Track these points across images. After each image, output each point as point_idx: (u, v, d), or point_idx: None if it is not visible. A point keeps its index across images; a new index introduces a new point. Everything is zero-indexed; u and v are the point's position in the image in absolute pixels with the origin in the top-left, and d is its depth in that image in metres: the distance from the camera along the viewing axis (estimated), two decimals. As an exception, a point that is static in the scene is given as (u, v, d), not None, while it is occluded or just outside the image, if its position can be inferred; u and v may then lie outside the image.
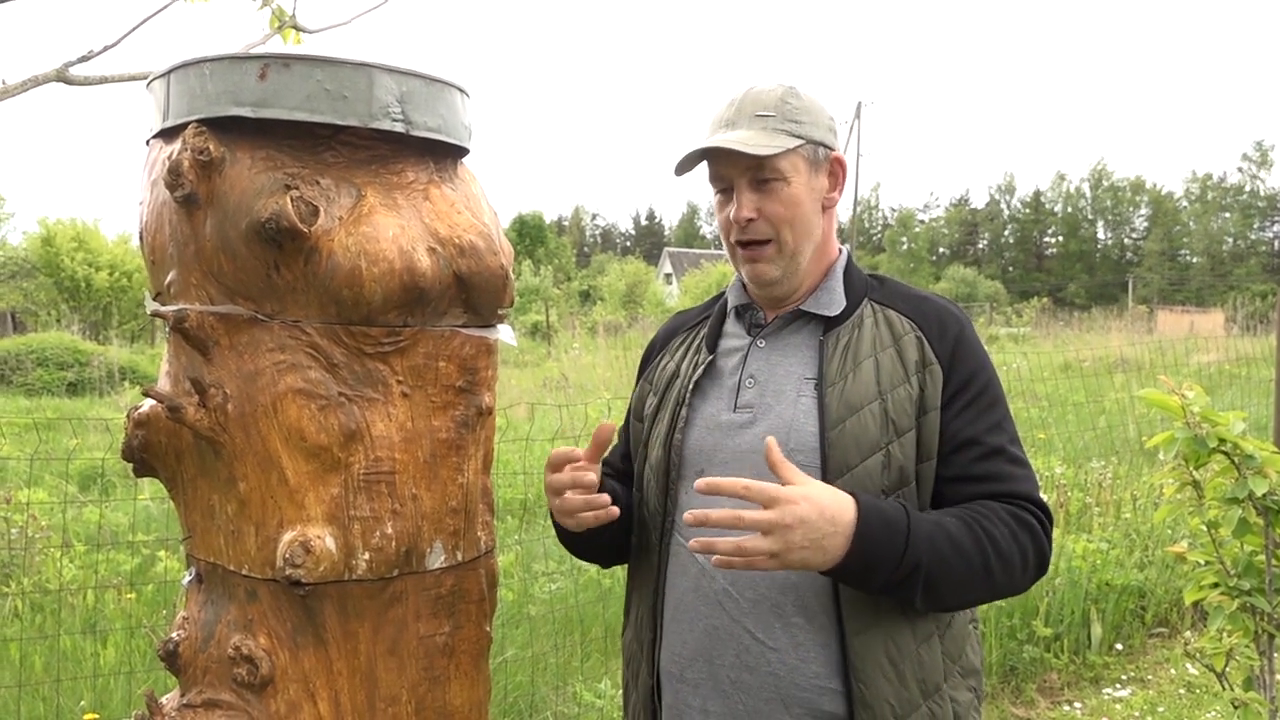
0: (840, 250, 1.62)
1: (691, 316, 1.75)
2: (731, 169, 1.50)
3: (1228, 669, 2.53)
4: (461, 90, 1.29)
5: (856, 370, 1.46)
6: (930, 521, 1.37)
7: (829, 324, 1.53)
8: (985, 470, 1.44)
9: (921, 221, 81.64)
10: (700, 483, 1.31)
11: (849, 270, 1.59)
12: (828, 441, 1.43)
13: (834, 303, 1.54)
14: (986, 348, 1.55)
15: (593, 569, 4.82)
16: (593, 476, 1.46)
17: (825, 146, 1.52)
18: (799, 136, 1.48)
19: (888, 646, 1.42)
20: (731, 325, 1.64)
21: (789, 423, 1.47)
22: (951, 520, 1.38)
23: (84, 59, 2.28)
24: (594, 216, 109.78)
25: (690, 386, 1.58)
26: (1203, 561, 2.51)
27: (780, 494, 1.28)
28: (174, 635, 1.28)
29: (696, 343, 1.66)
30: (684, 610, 1.53)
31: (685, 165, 1.55)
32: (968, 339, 1.50)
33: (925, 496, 1.45)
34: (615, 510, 1.46)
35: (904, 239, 74.43)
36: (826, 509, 1.29)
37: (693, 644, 1.51)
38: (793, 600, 1.45)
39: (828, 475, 1.41)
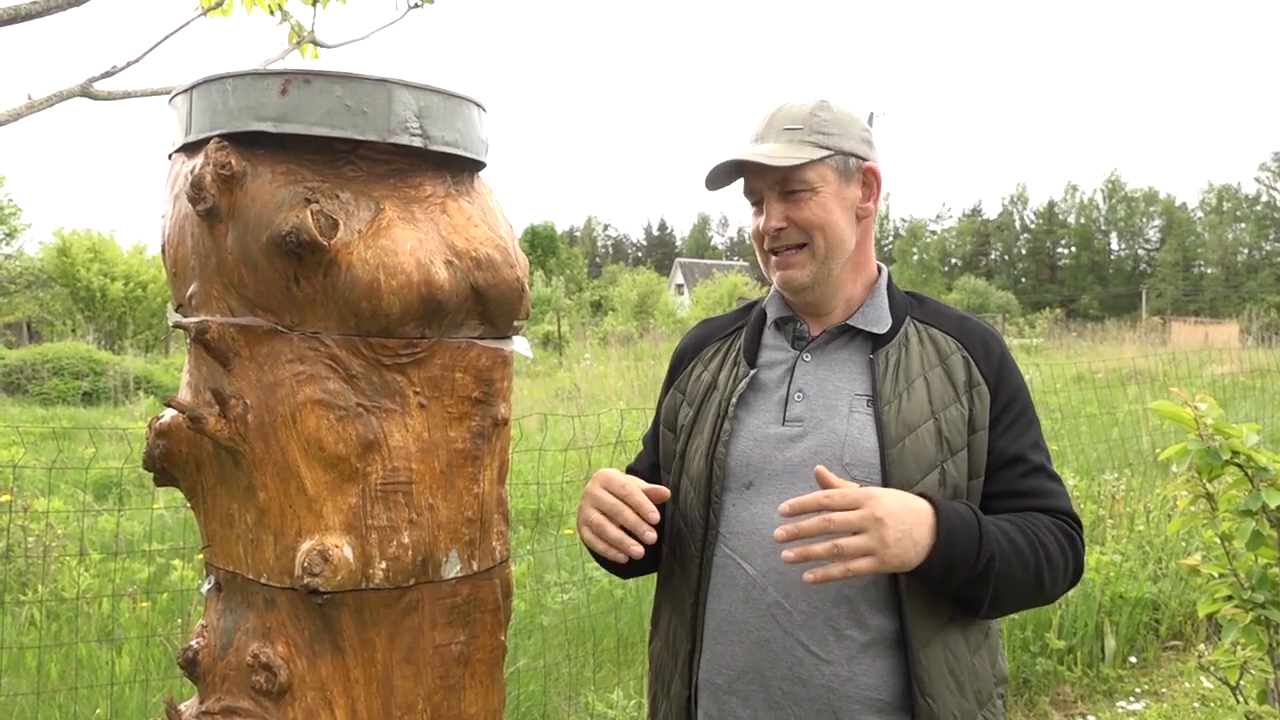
0: (881, 269, 1.65)
1: (722, 325, 1.74)
2: (760, 182, 1.54)
3: (1242, 682, 2.53)
4: (478, 105, 1.30)
5: (910, 389, 1.49)
6: (995, 525, 1.41)
7: (877, 342, 1.55)
8: (1029, 486, 1.48)
9: (933, 233, 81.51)
10: (784, 506, 1.32)
11: (892, 288, 1.62)
12: (889, 459, 1.44)
13: (881, 320, 1.56)
14: None
15: (605, 580, 4.82)
16: (652, 535, 1.42)
17: (857, 157, 1.55)
18: (827, 148, 1.51)
19: (948, 659, 1.44)
20: (772, 338, 1.64)
21: (843, 438, 1.48)
22: (1006, 523, 1.42)
23: (107, 74, 2.32)
24: (606, 227, 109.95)
25: (734, 400, 1.57)
26: (1216, 574, 2.50)
27: (862, 493, 1.31)
28: (193, 643, 1.30)
29: (733, 354, 1.65)
30: (731, 622, 1.52)
31: (716, 180, 1.59)
32: (1009, 360, 1.55)
33: None
34: (638, 550, 1.42)
35: (915, 250, 74.28)
36: (906, 500, 1.33)
37: (742, 656, 1.50)
38: (846, 613, 1.45)
39: None
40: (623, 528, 1.43)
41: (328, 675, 1.22)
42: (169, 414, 1.27)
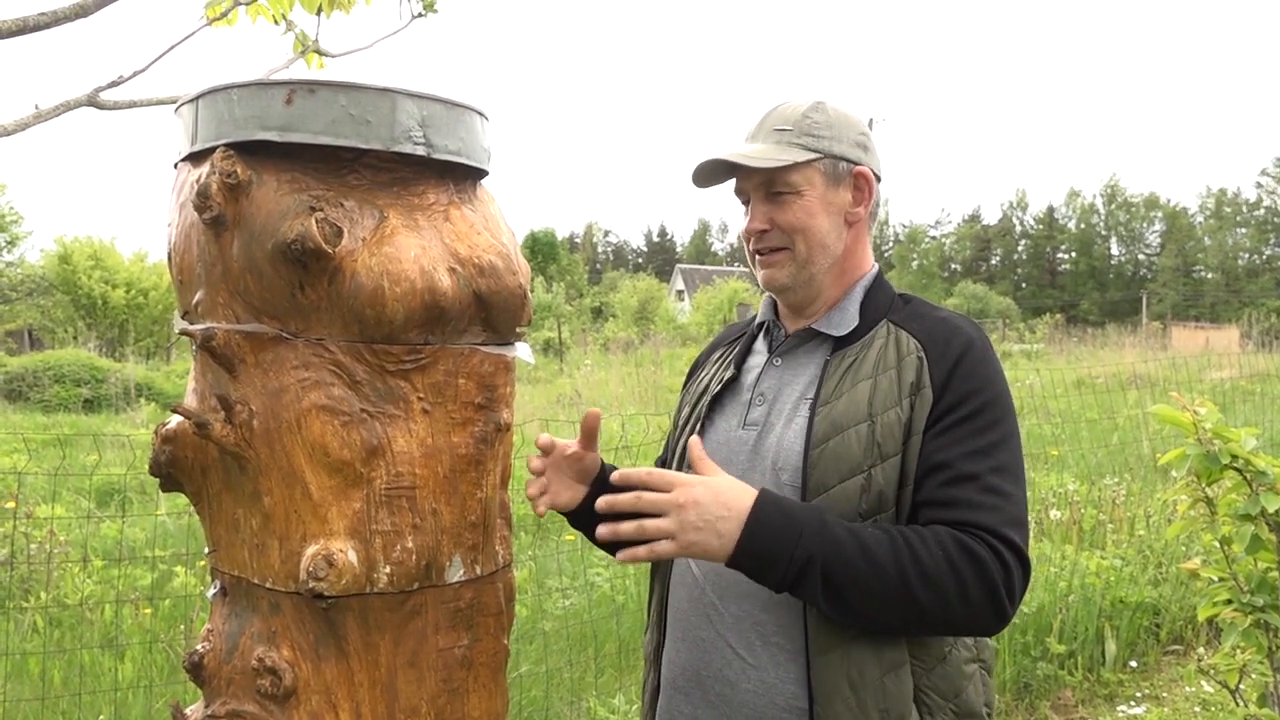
0: (873, 267, 1.62)
1: (735, 330, 1.79)
2: (746, 182, 1.54)
3: (1242, 685, 2.53)
4: (480, 114, 1.32)
5: (852, 391, 1.46)
6: (844, 527, 1.34)
7: (838, 344, 1.53)
8: (950, 496, 1.37)
9: (932, 238, 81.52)
10: (614, 475, 1.36)
11: (874, 289, 1.57)
12: (809, 461, 1.43)
13: (844, 323, 1.54)
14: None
15: (606, 585, 4.83)
16: (536, 463, 1.57)
17: (848, 160, 1.53)
18: (815, 150, 1.50)
19: (849, 671, 1.40)
20: (760, 342, 1.67)
21: (780, 441, 1.49)
22: (872, 532, 1.35)
23: (114, 84, 2.34)
24: (606, 233, 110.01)
25: (708, 401, 1.62)
26: (1216, 578, 2.51)
27: (677, 478, 1.32)
28: (199, 647, 1.31)
29: (729, 358, 1.69)
30: (680, 620, 1.58)
31: (706, 178, 1.58)
32: (972, 359, 1.44)
33: (904, 523, 1.41)
34: (539, 508, 1.57)
35: (914, 255, 74.25)
36: (722, 494, 1.32)
37: (685, 654, 1.55)
38: (774, 619, 1.45)
39: (807, 495, 1.42)
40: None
41: (332, 679, 1.23)
42: (175, 420, 1.29)
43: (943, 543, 1.33)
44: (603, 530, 1.34)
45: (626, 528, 1.32)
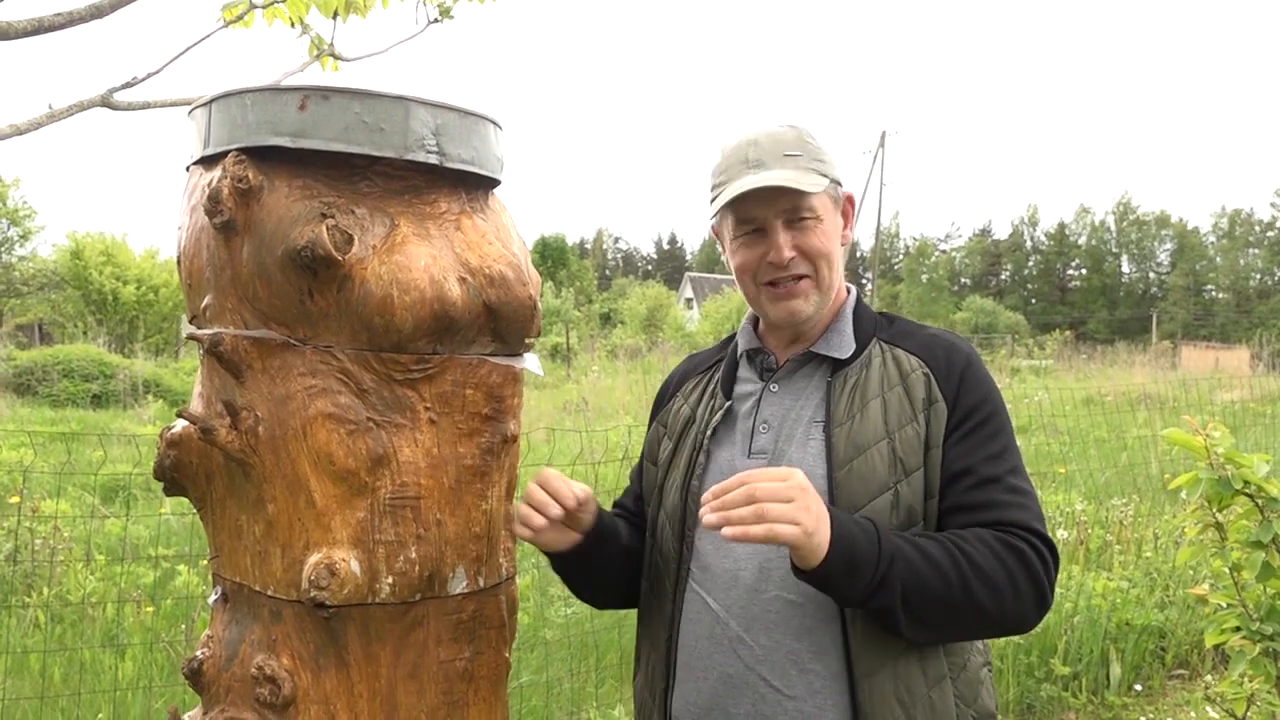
0: (849, 290, 1.62)
1: (704, 359, 1.75)
2: (767, 209, 1.48)
3: (1249, 714, 2.51)
4: (494, 123, 1.31)
5: (864, 410, 1.46)
6: (899, 535, 1.36)
7: (838, 365, 1.52)
8: (978, 499, 1.42)
9: (942, 251, 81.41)
10: (705, 509, 1.28)
11: (859, 310, 1.59)
12: (835, 482, 1.42)
13: (844, 344, 1.54)
14: (1007, 380, 1.54)
15: (609, 594, 4.81)
16: (555, 510, 1.44)
17: (839, 185, 1.56)
18: (825, 176, 1.50)
19: (898, 690, 1.40)
20: (744, 370, 1.63)
21: (798, 465, 1.45)
22: (924, 539, 1.37)
23: (128, 85, 2.34)
24: (616, 240, 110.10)
25: (708, 432, 1.57)
26: (1225, 604, 2.49)
27: (783, 469, 1.29)
28: (198, 654, 1.30)
29: (711, 387, 1.65)
30: (698, 658, 1.51)
31: (725, 206, 1.51)
32: (972, 372, 1.49)
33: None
34: (538, 521, 1.42)
35: (923, 269, 74.10)
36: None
37: (708, 692, 1.49)
38: (808, 646, 1.43)
39: None
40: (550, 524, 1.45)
41: (332, 689, 1.22)
42: (180, 424, 1.28)
43: (987, 542, 1.38)
44: (711, 519, 1.26)
45: (743, 512, 1.24)
